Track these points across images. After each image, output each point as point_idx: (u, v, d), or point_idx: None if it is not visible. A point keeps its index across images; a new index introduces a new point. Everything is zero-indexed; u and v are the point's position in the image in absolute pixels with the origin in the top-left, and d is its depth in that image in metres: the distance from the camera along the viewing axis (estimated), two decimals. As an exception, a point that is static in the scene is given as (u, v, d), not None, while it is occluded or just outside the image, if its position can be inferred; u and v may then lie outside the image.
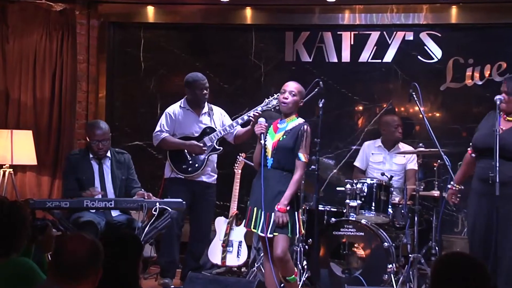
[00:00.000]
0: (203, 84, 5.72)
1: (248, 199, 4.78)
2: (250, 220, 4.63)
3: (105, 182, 5.33)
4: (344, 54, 6.82)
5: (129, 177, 5.45)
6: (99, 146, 5.30)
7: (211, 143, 5.72)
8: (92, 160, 5.37)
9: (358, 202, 5.56)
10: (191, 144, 5.67)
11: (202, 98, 5.73)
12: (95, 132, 5.32)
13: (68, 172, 5.35)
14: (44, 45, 6.95)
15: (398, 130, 6.28)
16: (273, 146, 4.63)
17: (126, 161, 5.50)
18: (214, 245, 6.08)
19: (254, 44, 7.02)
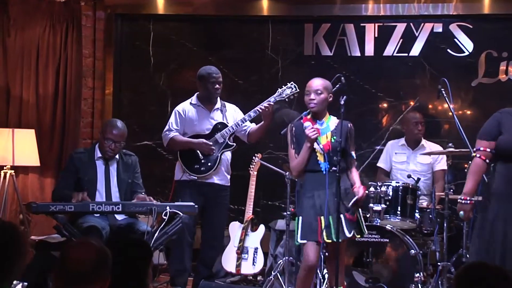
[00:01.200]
0: (215, 78, 5.73)
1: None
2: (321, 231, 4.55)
3: (111, 185, 5.34)
4: (368, 48, 6.80)
5: (134, 180, 5.46)
6: (112, 147, 5.31)
7: (224, 140, 5.72)
8: (98, 160, 5.38)
9: (383, 206, 5.54)
10: (199, 142, 5.68)
11: (214, 92, 5.74)
12: (111, 131, 5.32)
13: (67, 171, 5.36)
14: (48, 39, 6.99)
15: (418, 127, 6.25)
16: (326, 149, 4.64)
17: (134, 163, 5.51)
18: (228, 252, 6.08)
19: (271, 37, 7.02)
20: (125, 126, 5.45)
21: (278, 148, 6.85)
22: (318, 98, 4.66)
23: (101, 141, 5.37)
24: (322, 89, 4.67)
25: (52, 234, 5.57)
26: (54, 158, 6.93)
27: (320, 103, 4.67)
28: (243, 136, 5.84)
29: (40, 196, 6.83)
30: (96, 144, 5.47)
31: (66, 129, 6.97)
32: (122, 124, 5.43)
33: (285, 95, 5.63)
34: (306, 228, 4.59)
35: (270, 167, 6.11)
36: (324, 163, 4.62)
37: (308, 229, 4.58)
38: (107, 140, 5.31)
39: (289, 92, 5.63)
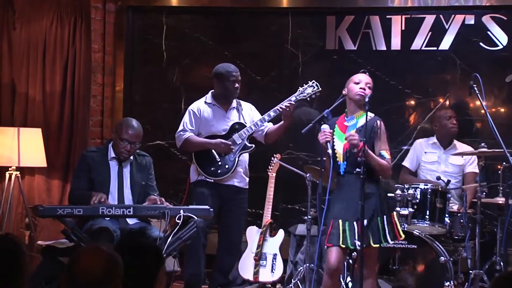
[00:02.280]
0: (235, 77, 5.73)
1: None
2: (332, 234, 4.59)
3: (123, 187, 5.35)
4: (394, 41, 6.77)
5: (148, 182, 5.47)
6: (127, 148, 5.31)
7: (241, 141, 5.72)
8: (111, 160, 5.39)
9: (410, 210, 5.51)
10: (217, 142, 5.68)
11: (233, 92, 5.74)
12: (127, 131, 5.32)
13: (81, 170, 5.37)
14: (55, 32, 7.02)
15: (452, 121, 6.22)
16: (345, 148, 4.63)
17: (148, 165, 5.52)
18: (245, 258, 6.08)
19: (291, 30, 7.01)
20: (140, 125, 5.44)
21: (298, 148, 6.85)
22: (368, 91, 4.69)
23: (115, 142, 5.37)
24: (372, 85, 4.74)
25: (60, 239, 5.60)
26: (61, 158, 6.95)
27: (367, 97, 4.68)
28: (260, 136, 5.83)
29: (47, 199, 6.86)
30: (109, 143, 5.46)
31: (74, 128, 6.99)
32: (138, 124, 5.43)
33: (306, 94, 5.63)
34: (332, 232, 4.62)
35: (289, 168, 6.10)
36: (342, 163, 4.63)
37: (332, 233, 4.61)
38: (123, 141, 5.30)
39: (311, 91, 5.63)
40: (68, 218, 4.83)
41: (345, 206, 4.60)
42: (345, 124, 4.73)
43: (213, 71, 5.82)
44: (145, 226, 5.32)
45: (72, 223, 4.85)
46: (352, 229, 4.56)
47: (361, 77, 4.77)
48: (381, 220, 4.62)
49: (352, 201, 4.55)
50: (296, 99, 5.61)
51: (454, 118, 6.25)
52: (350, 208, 4.57)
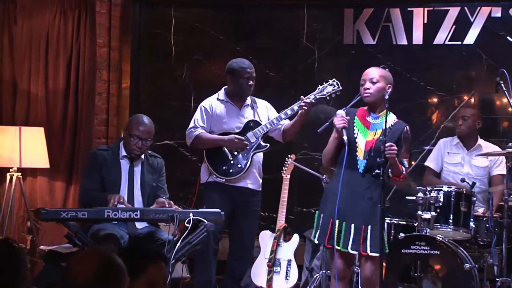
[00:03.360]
0: (250, 74, 5.73)
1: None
2: (331, 235, 4.62)
3: (134, 188, 5.38)
4: (416, 35, 6.76)
5: (158, 184, 5.49)
6: (139, 145, 5.34)
7: (256, 139, 5.73)
8: (122, 159, 5.42)
9: (433, 214, 5.50)
10: (231, 138, 5.69)
11: (247, 89, 5.75)
12: (137, 127, 5.36)
13: (92, 169, 5.38)
14: (58, 27, 7.03)
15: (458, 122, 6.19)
16: (369, 146, 4.64)
17: (159, 166, 5.55)
18: (258, 264, 6.09)
19: (306, 24, 7.01)
20: (152, 122, 5.47)
21: (314, 148, 6.84)
22: (374, 88, 4.69)
23: (126, 139, 5.40)
24: (379, 77, 4.72)
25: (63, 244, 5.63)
26: (65, 159, 6.97)
27: (375, 93, 4.70)
28: (278, 135, 5.84)
29: (49, 201, 6.88)
30: (121, 141, 5.50)
31: (78, 127, 7.01)
32: (149, 120, 5.46)
33: (326, 93, 5.64)
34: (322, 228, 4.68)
35: (305, 169, 6.10)
36: (362, 160, 4.63)
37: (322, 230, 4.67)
38: (133, 138, 5.34)
39: (331, 89, 5.63)
40: (72, 222, 4.84)
41: (350, 207, 4.59)
42: (369, 120, 4.73)
43: (227, 67, 5.83)
44: (154, 230, 5.34)
45: (76, 227, 4.86)
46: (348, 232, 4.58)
47: (365, 74, 4.76)
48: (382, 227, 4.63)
49: (361, 202, 4.56)
50: (315, 98, 5.62)
51: (477, 116, 6.20)
52: (356, 209, 4.59)
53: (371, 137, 4.69)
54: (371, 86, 4.70)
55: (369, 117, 4.75)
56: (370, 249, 4.59)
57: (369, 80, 4.71)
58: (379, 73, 4.75)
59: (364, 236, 4.59)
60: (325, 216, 4.70)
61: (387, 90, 4.72)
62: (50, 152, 6.64)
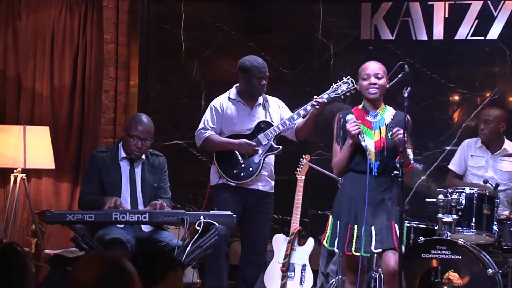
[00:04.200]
0: (262, 73, 5.72)
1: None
2: (350, 241, 4.62)
3: (136, 189, 5.38)
4: (437, 30, 6.75)
5: (160, 184, 5.49)
6: (138, 145, 5.34)
7: (268, 141, 5.73)
8: (122, 161, 5.43)
9: (454, 217, 5.49)
10: (241, 143, 5.69)
11: (259, 89, 5.74)
12: (136, 127, 5.36)
13: (91, 172, 5.40)
14: (64, 22, 7.05)
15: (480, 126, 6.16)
16: (379, 147, 4.65)
17: (161, 165, 5.55)
18: (271, 269, 6.09)
19: (322, 19, 7.00)
20: (151, 121, 5.50)
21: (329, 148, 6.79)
22: (380, 83, 4.69)
23: (125, 140, 5.41)
24: (383, 73, 4.73)
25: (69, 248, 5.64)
26: (71, 159, 6.99)
27: (382, 89, 4.71)
28: (291, 135, 5.83)
29: (55, 204, 6.90)
30: (120, 142, 5.52)
31: (85, 126, 7.02)
32: (148, 119, 5.48)
33: (340, 92, 5.62)
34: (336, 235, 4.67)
35: (320, 170, 6.09)
36: (375, 163, 4.63)
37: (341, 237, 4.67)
38: (133, 138, 5.35)
39: (346, 88, 5.62)
40: (78, 225, 4.85)
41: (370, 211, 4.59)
42: (368, 119, 4.72)
43: (239, 64, 5.82)
44: (161, 233, 5.34)
45: (83, 230, 4.87)
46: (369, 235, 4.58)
47: (366, 68, 4.75)
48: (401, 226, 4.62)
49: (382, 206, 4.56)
50: (329, 97, 5.61)
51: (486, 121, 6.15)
52: (376, 213, 4.60)
53: (377, 137, 4.68)
54: (377, 82, 4.70)
55: (368, 116, 4.75)
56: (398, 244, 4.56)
57: (375, 75, 4.71)
58: (381, 68, 4.76)
59: (388, 233, 4.58)
60: (342, 223, 4.70)
61: (387, 86, 4.74)
62: (55, 152, 6.65)
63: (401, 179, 4.47)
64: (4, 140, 6.48)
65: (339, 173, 4.85)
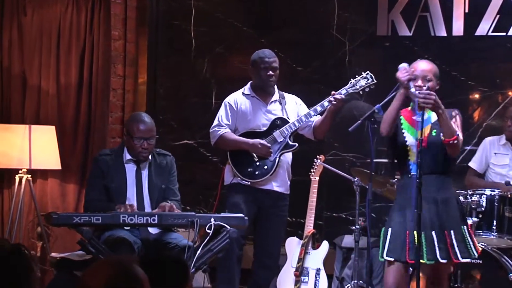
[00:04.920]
0: (268, 63, 5.71)
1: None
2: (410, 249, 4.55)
3: (143, 193, 5.36)
4: (456, 26, 6.73)
5: (168, 185, 5.47)
6: (144, 145, 5.30)
7: (283, 139, 5.72)
8: (127, 163, 5.40)
9: (474, 219, 5.47)
10: (255, 143, 5.69)
11: (266, 80, 5.72)
12: (138, 127, 5.32)
13: (95, 177, 5.35)
14: (70, 18, 7.07)
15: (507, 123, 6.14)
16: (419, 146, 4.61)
17: (169, 165, 5.51)
18: (284, 273, 6.08)
19: (337, 14, 6.99)
20: (150, 117, 5.43)
21: (345, 148, 6.83)
22: (428, 85, 4.63)
23: (128, 143, 5.34)
24: (432, 75, 4.67)
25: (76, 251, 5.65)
26: (78, 160, 7.01)
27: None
28: (309, 133, 5.82)
29: (61, 205, 6.92)
30: (124, 144, 5.48)
31: (92, 125, 7.04)
32: (147, 116, 5.43)
33: (359, 87, 5.62)
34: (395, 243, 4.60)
35: (335, 171, 6.08)
36: (414, 164, 4.61)
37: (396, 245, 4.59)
38: (137, 140, 5.28)
39: (364, 83, 5.62)
40: (85, 227, 4.86)
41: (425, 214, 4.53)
42: (415, 119, 4.68)
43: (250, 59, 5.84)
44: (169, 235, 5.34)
45: (90, 232, 4.87)
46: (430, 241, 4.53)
47: (417, 71, 4.68)
48: (466, 229, 4.62)
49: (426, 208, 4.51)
50: (347, 93, 5.60)
51: None
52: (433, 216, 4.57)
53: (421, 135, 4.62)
54: (425, 84, 4.63)
55: (415, 116, 4.68)
56: (461, 255, 4.55)
57: (422, 78, 4.64)
58: (431, 69, 4.69)
59: (451, 242, 4.55)
60: (395, 230, 4.64)
61: (436, 88, 4.69)
62: (61, 153, 6.68)
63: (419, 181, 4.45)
64: (9, 140, 6.51)
65: (386, 128, 4.69)
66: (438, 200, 4.61)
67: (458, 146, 4.59)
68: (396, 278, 4.58)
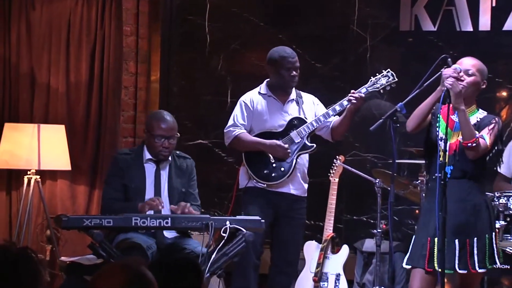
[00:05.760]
0: (291, 63, 5.72)
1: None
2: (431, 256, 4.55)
3: (161, 194, 5.39)
4: (483, 20, 6.71)
5: (188, 190, 5.49)
6: (165, 144, 5.33)
7: (301, 139, 5.72)
8: (147, 163, 5.43)
9: (502, 223, 5.44)
10: (273, 144, 5.68)
11: (290, 81, 5.74)
12: (159, 125, 5.36)
13: (113, 175, 5.40)
14: (81, 13, 7.08)
15: None
16: (452, 149, 4.61)
17: (189, 169, 5.54)
18: (302, 279, 6.09)
19: (357, 8, 6.99)
20: (173, 117, 5.47)
21: (366, 148, 6.83)
22: (468, 80, 4.61)
23: (149, 142, 5.39)
24: (475, 70, 4.65)
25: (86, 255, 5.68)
26: (88, 160, 7.02)
27: (468, 86, 4.60)
28: (326, 133, 5.81)
29: (71, 207, 6.93)
30: (144, 143, 5.52)
31: (103, 124, 7.05)
32: (169, 115, 5.46)
33: (380, 85, 5.61)
34: (415, 250, 4.59)
35: (355, 172, 6.08)
36: (447, 167, 4.57)
37: (416, 252, 4.58)
38: (157, 138, 5.33)
39: (385, 81, 5.61)
40: (96, 230, 4.88)
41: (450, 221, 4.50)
42: (453, 118, 4.66)
43: (267, 57, 5.82)
44: (184, 240, 5.36)
45: (101, 236, 4.90)
46: (451, 249, 4.52)
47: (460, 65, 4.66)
48: (489, 238, 4.60)
49: (453, 213, 4.49)
50: (367, 91, 5.59)
51: None
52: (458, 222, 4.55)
53: (454, 139, 4.60)
54: (465, 78, 4.61)
55: (454, 115, 4.64)
56: (478, 265, 4.54)
57: (464, 71, 4.62)
58: (476, 65, 4.68)
59: (471, 251, 4.54)
60: (419, 237, 4.63)
61: (482, 86, 4.68)
62: (71, 153, 6.69)
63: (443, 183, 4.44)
64: (17, 140, 6.53)
65: (413, 124, 4.69)
66: (467, 206, 4.59)
67: (478, 150, 4.54)
68: (421, 284, 4.56)
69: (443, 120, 4.64)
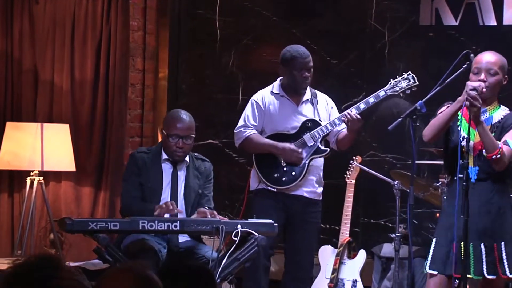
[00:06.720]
0: (304, 63, 5.71)
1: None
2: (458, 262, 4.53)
3: (177, 195, 5.41)
4: (507, 14, 6.69)
5: (204, 192, 5.52)
6: (179, 144, 5.36)
7: (314, 143, 5.72)
8: (164, 163, 5.47)
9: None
10: (285, 148, 5.68)
11: (301, 82, 5.73)
12: (175, 125, 5.38)
13: (131, 174, 5.43)
14: (86, 7, 7.10)
15: None
16: (477, 149, 4.59)
17: (207, 171, 5.57)
18: (317, 285, 6.09)
19: (375, 1, 6.98)
20: (190, 115, 5.49)
21: (384, 149, 6.81)
22: (492, 81, 4.59)
23: (164, 141, 5.43)
24: (497, 68, 4.62)
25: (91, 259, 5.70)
26: (93, 161, 7.04)
27: (492, 88, 4.59)
28: (333, 141, 5.77)
29: (76, 210, 6.95)
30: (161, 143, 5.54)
31: (109, 124, 7.07)
32: (187, 114, 5.48)
33: (399, 89, 5.60)
34: (438, 255, 4.59)
35: (373, 173, 6.08)
36: (473, 168, 4.58)
37: (440, 257, 4.58)
38: (172, 137, 5.36)
39: (405, 85, 5.60)
40: (101, 234, 4.89)
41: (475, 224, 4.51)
42: None
43: (280, 56, 5.81)
44: (196, 244, 5.37)
45: (107, 240, 4.91)
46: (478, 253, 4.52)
47: (479, 61, 4.64)
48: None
49: (477, 217, 4.49)
50: (385, 94, 5.59)
51: None
52: (483, 226, 4.55)
53: (478, 138, 4.57)
54: (489, 78, 4.58)
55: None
56: (509, 270, 4.54)
57: (486, 71, 4.60)
58: (498, 62, 4.64)
59: (499, 256, 4.54)
60: (441, 241, 4.63)
61: (504, 82, 4.66)
62: (76, 153, 6.70)
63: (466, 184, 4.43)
64: (19, 140, 6.55)
65: (431, 134, 4.65)
66: (492, 209, 4.58)
67: (503, 160, 4.50)
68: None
69: (465, 120, 4.62)
